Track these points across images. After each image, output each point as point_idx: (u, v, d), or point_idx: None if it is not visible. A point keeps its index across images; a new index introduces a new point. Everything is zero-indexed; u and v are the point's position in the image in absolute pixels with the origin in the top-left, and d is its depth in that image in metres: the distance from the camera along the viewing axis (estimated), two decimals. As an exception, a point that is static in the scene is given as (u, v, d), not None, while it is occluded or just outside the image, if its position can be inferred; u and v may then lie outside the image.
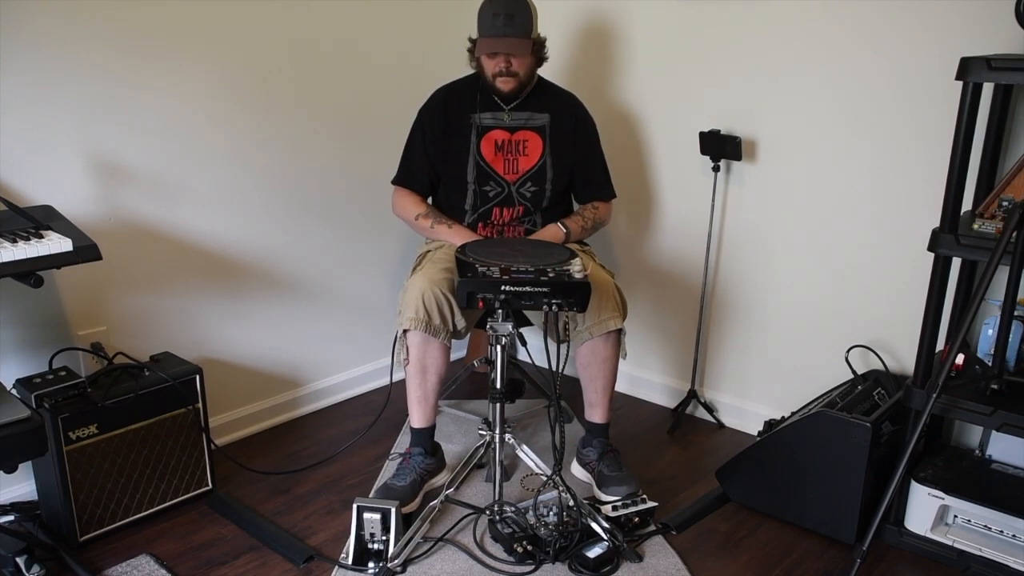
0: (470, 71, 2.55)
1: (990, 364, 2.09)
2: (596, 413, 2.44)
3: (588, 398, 2.44)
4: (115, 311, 2.38)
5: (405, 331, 2.26)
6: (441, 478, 2.42)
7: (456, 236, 2.44)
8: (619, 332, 2.33)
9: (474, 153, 2.48)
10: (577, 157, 2.56)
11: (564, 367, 2.21)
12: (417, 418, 2.37)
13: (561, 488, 2.18)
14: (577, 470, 2.51)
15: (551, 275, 2.04)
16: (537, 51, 2.46)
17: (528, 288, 2.01)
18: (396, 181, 2.57)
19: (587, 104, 2.63)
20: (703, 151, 2.70)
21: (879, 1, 2.34)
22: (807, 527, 2.29)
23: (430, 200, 2.61)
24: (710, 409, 2.93)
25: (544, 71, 2.60)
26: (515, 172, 2.50)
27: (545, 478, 2.34)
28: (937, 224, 2.06)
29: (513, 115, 2.50)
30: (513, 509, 2.19)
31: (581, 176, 2.58)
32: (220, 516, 2.32)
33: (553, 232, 2.49)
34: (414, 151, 2.53)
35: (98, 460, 2.13)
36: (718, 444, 2.79)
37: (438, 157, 2.50)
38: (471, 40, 2.46)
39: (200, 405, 2.32)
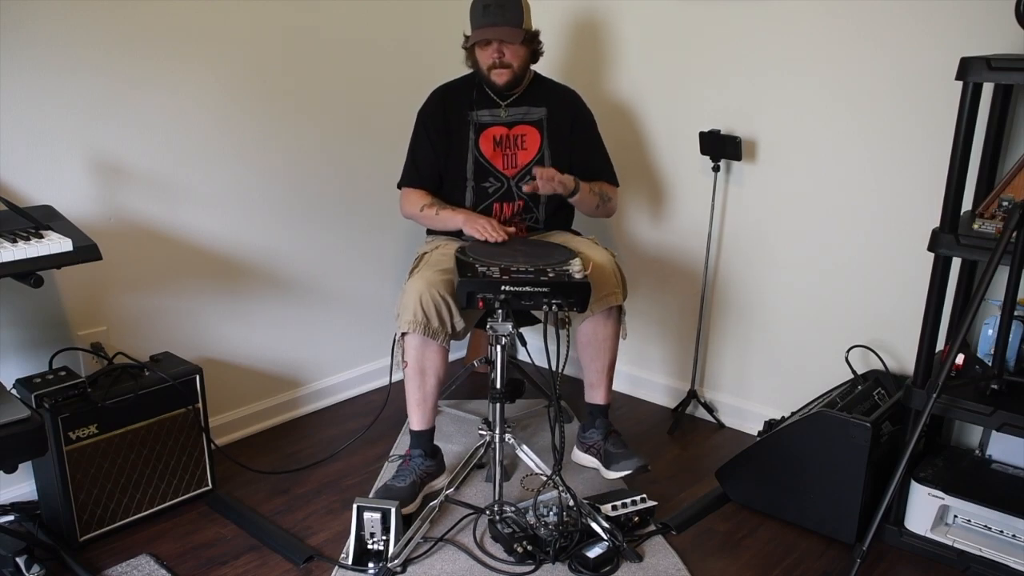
0: (469, 71, 2.56)
1: (990, 364, 2.09)
2: (597, 394, 2.44)
3: (589, 379, 2.44)
4: (115, 311, 2.38)
5: (404, 334, 2.26)
6: (440, 481, 2.42)
7: (460, 214, 2.44)
8: (619, 309, 2.33)
9: (473, 150, 2.48)
10: (576, 148, 2.56)
11: (564, 367, 2.21)
12: (417, 420, 2.37)
13: (561, 488, 2.18)
14: (579, 457, 2.51)
15: (551, 275, 2.04)
16: (530, 42, 2.45)
17: (528, 288, 2.01)
18: (403, 183, 2.57)
19: (587, 103, 2.63)
20: (703, 151, 2.70)
21: (879, 1, 2.34)
22: (807, 527, 2.29)
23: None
24: (710, 409, 2.93)
25: (543, 70, 2.60)
26: (514, 167, 2.50)
27: (545, 478, 2.34)
28: (937, 224, 2.06)
29: (510, 111, 2.50)
30: (513, 509, 2.19)
31: (582, 165, 2.56)
32: (220, 516, 2.32)
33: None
34: (419, 149, 2.53)
35: (98, 460, 2.13)
36: (718, 444, 2.79)
37: (442, 153, 2.51)
38: (465, 37, 2.47)
39: (200, 405, 2.32)
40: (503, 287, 2.01)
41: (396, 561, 2.07)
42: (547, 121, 2.53)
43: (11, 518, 2.24)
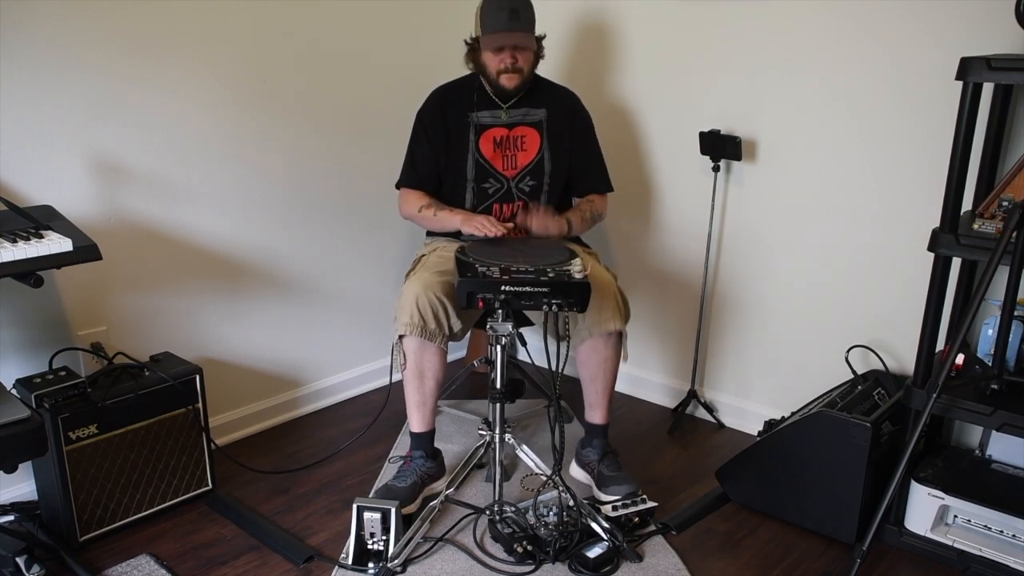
0: (468, 72, 2.56)
1: (990, 364, 2.09)
2: (596, 414, 2.44)
3: (588, 398, 2.43)
4: (115, 311, 2.38)
5: (401, 336, 2.26)
6: (441, 484, 2.41)
7: (459, 214, 2.44)
8: (619, 334, 2.33)
9: (473, 151, 2.48)
10: (574, 150, 2.57)
11: (564, 367, 2.21)
12: (416, 422, 2.36)
13: (561, 488, 2.18)
14: (576, 471, 2.51)
15: (551, 275, 2.04)
16: (538, 48, 2.47)
17: (528, 288, 2.01)
18: (401, 183, 2.57)
19: (586, 103, 2.64)
20: (703, 151, 2.70)
21: (879, 1, 2.34)
22: (807, 527, 2.29)
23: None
24: (710, 409, 2.93)
25: (544, 70, 2.60)
26: (514, 168, 2.51)
27: (545, 478, 2.34)
28: (937, 224, 2.06)
29: (510, 112, 2.50)
30: (513, 509, 2.19)
31: (578, 169, 2.59)
32: (220, 516, 2.32)
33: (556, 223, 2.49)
34: (418, 150, 2.53)
35: (98, 460, 2.13)
36: (718, 444, 2.79)
37: (441, 153, 2.51)
38: (468, 42, 2.47)
39: (200, 405, 2.32)
40: (503, 287, 2.01)
41: (396, 561, 2.07)
42: (547, 123, 2.53)
43: (11, 518, 2.24)
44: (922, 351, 2.12)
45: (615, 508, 2.22)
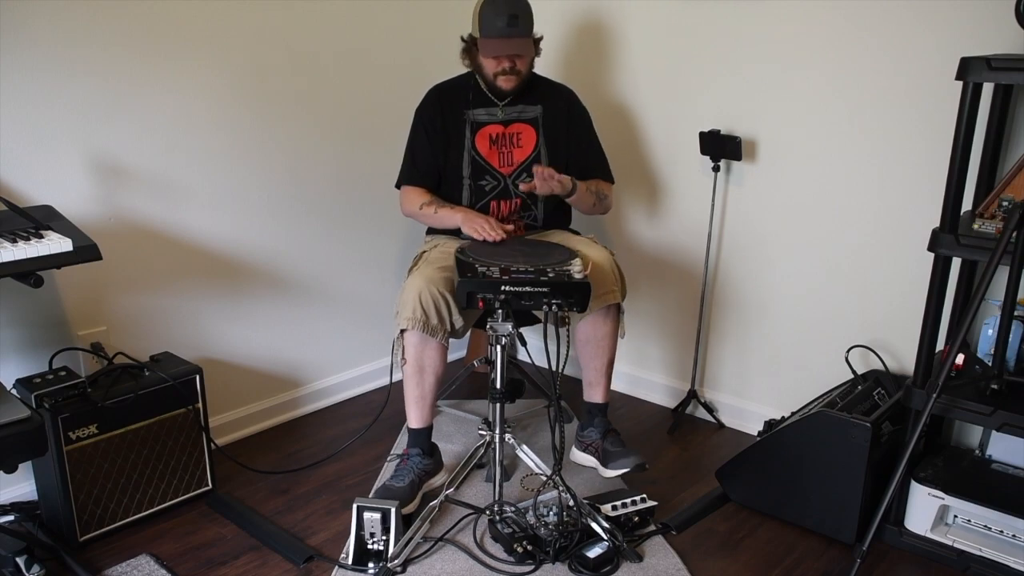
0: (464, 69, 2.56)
1: (990, 364, 2.09)
2: (596, 393, 2.45)
3: (588, 378, 2.44)
4: (115, 311, 2.38)
5: (403, 331, 2.26)
6: (439, 479, 2.42)
7: (459, 212, 2.44)
8: (618, 308, 2.33)
9: (469, 148, 2.49)
10: (572, 145, 2.57)
11: (564, 367, 2.21)
12: (415, 418, 2.37)
13: (561, 488, 2.18)
14: (578, 456, 2.51)
15: (551, 275, 2.04)
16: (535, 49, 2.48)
17: (528, 288, 2.01)
18: (401, 181, 2.57)
19: (586, 103, 2.64)
20: (703, 151, 2.70)
21: (880, 1, 2.34)
22: (807, 527, 2.29)
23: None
24: (710, 409, 2.93)
25: (543, 70, 2.60)
26: (510, 164, 2.51)
27: (545, 478, 2.34)
28: (937, 224, 2.06)
29: (506, 110, 2.51)
30: (513, 509, 2.19)
31: (578, 162, 2.58)
32: (220, 516, 2.32)
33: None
34: (418, 147, 2.53)
35: (98, 460, 2.14)
36: (718, 444, 2.79)
37: (441, 150, 2.51)
38: (464, 39, 2.47)
39: (200, 405, 2.32)
40: (503, 287, 2.01)
41: (396, 561, 2.07)
42: (543, 119, 2.53)
43: (11, 518, 2.24)
44: (922, 351, 2.12)
45: (615, 508, 2.22)
